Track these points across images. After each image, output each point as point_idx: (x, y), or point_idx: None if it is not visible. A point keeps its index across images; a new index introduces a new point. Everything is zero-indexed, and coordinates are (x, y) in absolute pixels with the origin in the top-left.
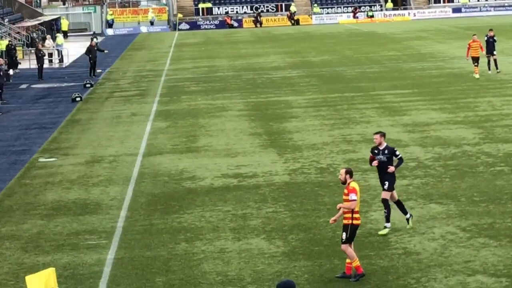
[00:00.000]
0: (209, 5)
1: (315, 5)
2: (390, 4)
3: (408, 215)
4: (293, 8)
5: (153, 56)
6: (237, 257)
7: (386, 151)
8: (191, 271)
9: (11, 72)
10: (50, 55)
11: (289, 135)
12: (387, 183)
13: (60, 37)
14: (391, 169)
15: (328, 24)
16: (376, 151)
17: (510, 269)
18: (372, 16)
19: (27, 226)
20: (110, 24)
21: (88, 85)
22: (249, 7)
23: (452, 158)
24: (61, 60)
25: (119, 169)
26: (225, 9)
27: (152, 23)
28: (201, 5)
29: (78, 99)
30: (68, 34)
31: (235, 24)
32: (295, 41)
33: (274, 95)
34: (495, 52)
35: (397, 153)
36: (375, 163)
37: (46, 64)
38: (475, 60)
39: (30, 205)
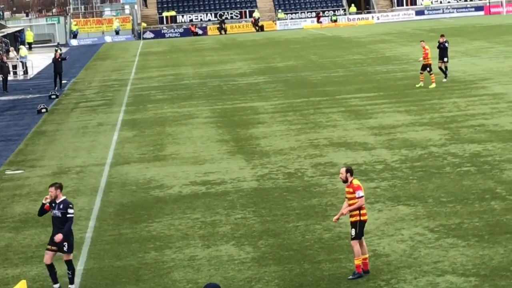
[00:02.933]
0: (173, 13)
1: (279, 10)
2: (353, 8)
3: (57, 286)
4: (256, 14)
5: (118, 66)
6: (207, 264)
7: (61, 206)
8: (161, 279)
9: None
10: (15, 67)
11: (256, 141)
12: (66, 244)
13: (23, 49)
14: (57, 237)
15: (293, 29)
16: (53, 204)
17: (479, 268)
18: (335, 21)
19: None
20: (74, 35)
21: (53, 96)
22: (213, 14)
23: (418, 160)
24: (25, 72)
25: (86, 179)
26: (189, 17)
27: (117, 32)
28: (165, 14)
29: (43, 110)
30: (32, 46)
31: (200, 32)
32: (260, 47)
33: (240, 101)
34: (445, 59)
35: (70, 211)
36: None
37: (10, 76)
38: (422, 67)
39: None
